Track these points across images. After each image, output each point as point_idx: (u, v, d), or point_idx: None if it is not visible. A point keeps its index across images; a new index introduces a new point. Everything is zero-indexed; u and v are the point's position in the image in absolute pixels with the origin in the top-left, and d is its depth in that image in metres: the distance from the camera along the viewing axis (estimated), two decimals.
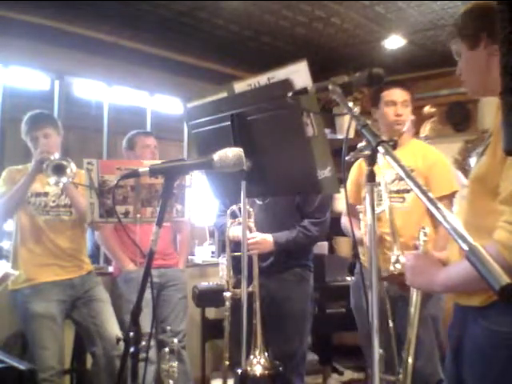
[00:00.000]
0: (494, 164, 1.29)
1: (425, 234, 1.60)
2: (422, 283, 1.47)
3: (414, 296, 2.01)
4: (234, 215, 2.52)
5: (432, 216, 0.94)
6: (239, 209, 2.43)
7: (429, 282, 1.41)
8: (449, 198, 2.56)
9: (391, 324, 2.28)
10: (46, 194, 2.88)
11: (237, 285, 2.39)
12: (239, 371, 1.88)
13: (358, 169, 2.78)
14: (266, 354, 2.21)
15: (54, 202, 2.89)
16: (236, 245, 2.47)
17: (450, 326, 1.50)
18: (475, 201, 1.38)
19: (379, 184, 2.49)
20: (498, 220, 1.23)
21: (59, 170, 2.64)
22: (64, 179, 2.64)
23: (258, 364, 2.16)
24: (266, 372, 2.13)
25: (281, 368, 2.19)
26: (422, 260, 1.47)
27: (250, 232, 2.51)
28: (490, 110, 4.43)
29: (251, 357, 2.15)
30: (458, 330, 1.42)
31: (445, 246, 2.06)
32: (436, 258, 1.50)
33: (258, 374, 2.12)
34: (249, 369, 2.08)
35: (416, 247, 1.61)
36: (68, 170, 2.64)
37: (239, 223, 2.49)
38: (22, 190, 2.74)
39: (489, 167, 1.32)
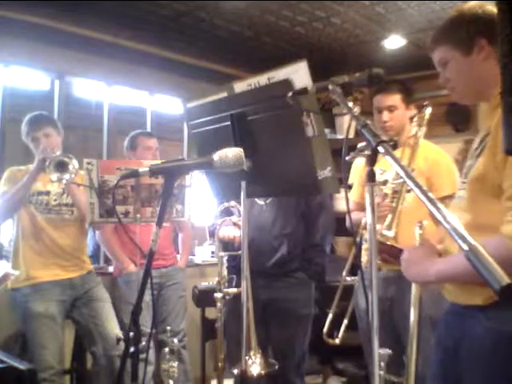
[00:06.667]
0: (494, 164, 1.29)
1: (420, 227, 1.59)
2: (415, 274, 1.46)
3: (413, 297, 1.98)
4: (228, 213, 2.51)
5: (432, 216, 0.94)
6: (233, 206, 2.42)
7: (423, 273, 1.41)
8: (451, 198, 2.52)
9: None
10: (47, 193, 2.88)
11: (229, 284, 2.38)
12: (235, 371, 1.87)
13: (359, 169, 2.76)
14: (261, 351, 2.20)
15: (55, 200, 2.89)
16: (231, 244, 2.46)
17: (444, 326, 1.49)
18: (475, 201, 1.38)
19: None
20: (499, 219, 1.23)
21: (61, 166, 2.65)
22: (66, 176, 2.65)
23: (253, 364, 2.15)
24: (263, 371, 2.13)
25: (276, 366, 2.18)
26: (416, 251, 1.48)
27: (239, 230, 2.47)
28: None
29: (246, 357, 2.15)
30: (456, 330, 1.41)
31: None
32: (433, 248, 1.49)
33: (254, 374, 2.11)
34: (245, 369, 2.08)
35: None
36: (70, 167, 2.65)
37: (233, 223, 2.48)
38: (24, 188, 2.75)
39: (488, 168, 1.32)
